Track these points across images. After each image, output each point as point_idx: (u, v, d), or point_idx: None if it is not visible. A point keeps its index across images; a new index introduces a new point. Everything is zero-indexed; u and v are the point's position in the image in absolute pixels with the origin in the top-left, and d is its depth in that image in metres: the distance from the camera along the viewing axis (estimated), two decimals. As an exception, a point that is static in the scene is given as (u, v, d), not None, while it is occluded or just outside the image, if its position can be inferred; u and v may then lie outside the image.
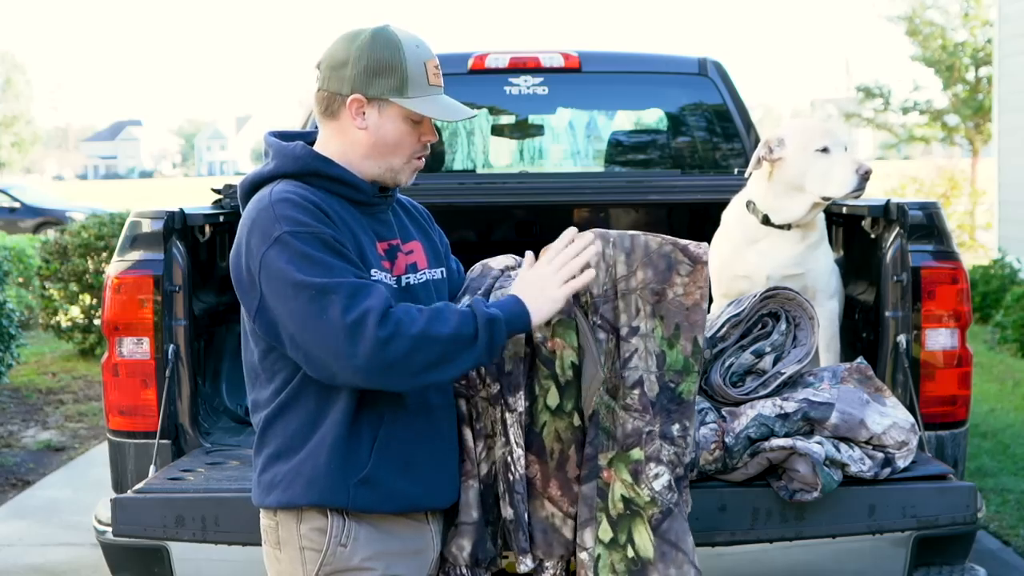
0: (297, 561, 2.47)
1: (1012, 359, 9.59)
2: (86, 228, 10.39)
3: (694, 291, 2.63)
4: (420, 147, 2.55)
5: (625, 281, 2.64)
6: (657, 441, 2.60)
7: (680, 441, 2.62)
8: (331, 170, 2.50)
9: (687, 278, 2.63)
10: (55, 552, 5.40)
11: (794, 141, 3.67)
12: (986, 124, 19.49)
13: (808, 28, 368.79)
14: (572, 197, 4.85)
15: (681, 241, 2.67)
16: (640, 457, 2.59)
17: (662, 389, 2.62)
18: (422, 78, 2.49)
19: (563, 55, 5.08)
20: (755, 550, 3.04)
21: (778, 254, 3.71)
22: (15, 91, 52.49)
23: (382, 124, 2.50)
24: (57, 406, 8.62)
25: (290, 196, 2.42)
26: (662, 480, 2.59)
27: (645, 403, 2.61)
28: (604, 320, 2.64)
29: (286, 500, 2.45)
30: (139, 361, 3.55)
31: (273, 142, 2.56)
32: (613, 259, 2.65)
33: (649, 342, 2.63)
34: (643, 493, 2.58)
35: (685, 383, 2.64)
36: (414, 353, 2.30)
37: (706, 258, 2.65)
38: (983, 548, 5.12)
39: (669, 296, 2.63)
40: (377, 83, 2.47)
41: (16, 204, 25.53)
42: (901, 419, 3.01)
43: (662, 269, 2.63)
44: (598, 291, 2.64)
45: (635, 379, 2.62)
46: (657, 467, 2.59)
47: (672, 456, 2.61)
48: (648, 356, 2.62)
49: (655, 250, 2.64)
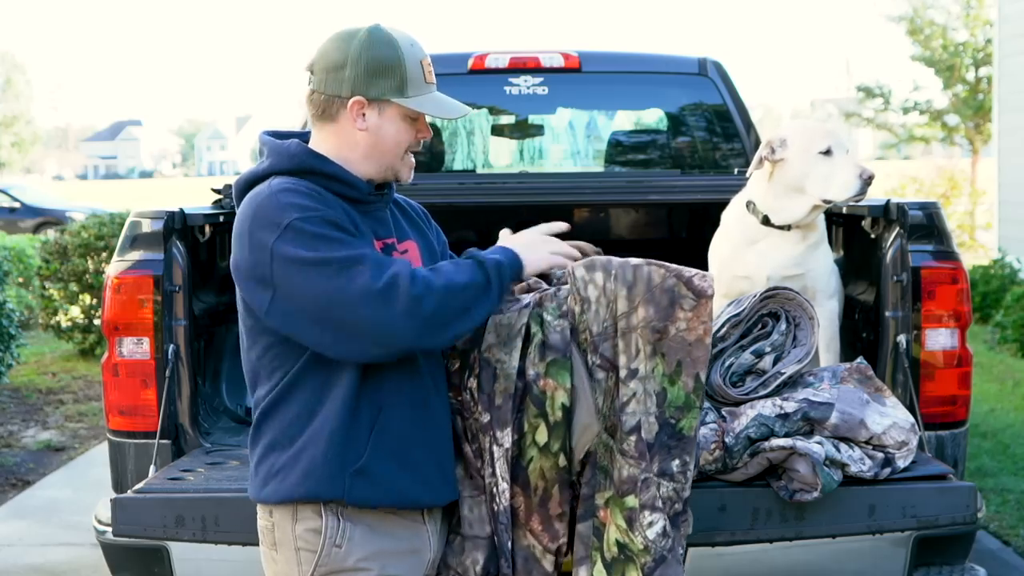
0: (293, 562, 2.47)
1: (1012, 359, 9.59)
2: (86, 228, 10.39)
3: (697, 326, 2.56)
4: (416, 143, 2.57)
5: (626, 318, 2.57)
6: (652, 488, 2.55)
7: (680, 477, 2.57)
8: (327, 167, 2.49)
9: (690, 313, 2.56)
10: (55, 552, 5.40)
11: (796, 142, 3.65)
12: (986, 124, 19.49)
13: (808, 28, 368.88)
14: (572, 197, 4.85)
15: (686, 273, 2.58)
16: (635, 504, 2.55)
17: (662, 426, 2.57)
18: (419, 77, 2.50)
19: (563, 55, 5.08)
20: (755, 550, 3.04)
21: (778, 254, 3.70)
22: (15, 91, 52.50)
23: (382, 125, 2.51)
24: (57, 406, 8.62)
25: (291, 186, 2.43)
26: (656, 528, 2.54)
27: (642, 449, 2.55)
28: (603, 359, 2.59)
29: (283, 493, 2.44)
30: (139, 361, 3.55)
31: (268, 140, 2.56)
32: (614, 294, 2.58)
33: (648, 383, 2.57)
34: (637, 540, 2.54)
35: (686, 419, 2.58)
36: (443, 305, 2.37)
37: (711, 292, 2.56)
38: (983, 548, 5.12)
39: (671, 332, 2.56)
40: (378, 84, 2.47)
41: (16, 204, 25.53)
42: (901, 419, 3.01)
43: (664, 305, 2.55)
44: (598, 328, 2.58)
45: (632, 424, 2.55)
46: (652, 515, 2.54)
47: (671, 493, 2.57)
48: (647, 398, 2.57)
49: (658, 284, 2.56)
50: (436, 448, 2.55)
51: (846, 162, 3.59)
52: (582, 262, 2.67)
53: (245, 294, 2.46)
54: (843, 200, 3.59)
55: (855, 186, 3.55)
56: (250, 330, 2.50)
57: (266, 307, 2.40)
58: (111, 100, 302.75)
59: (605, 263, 2.63)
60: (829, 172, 3.59)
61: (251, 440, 2.55)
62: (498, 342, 2.59)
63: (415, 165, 2.64)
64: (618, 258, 2.65)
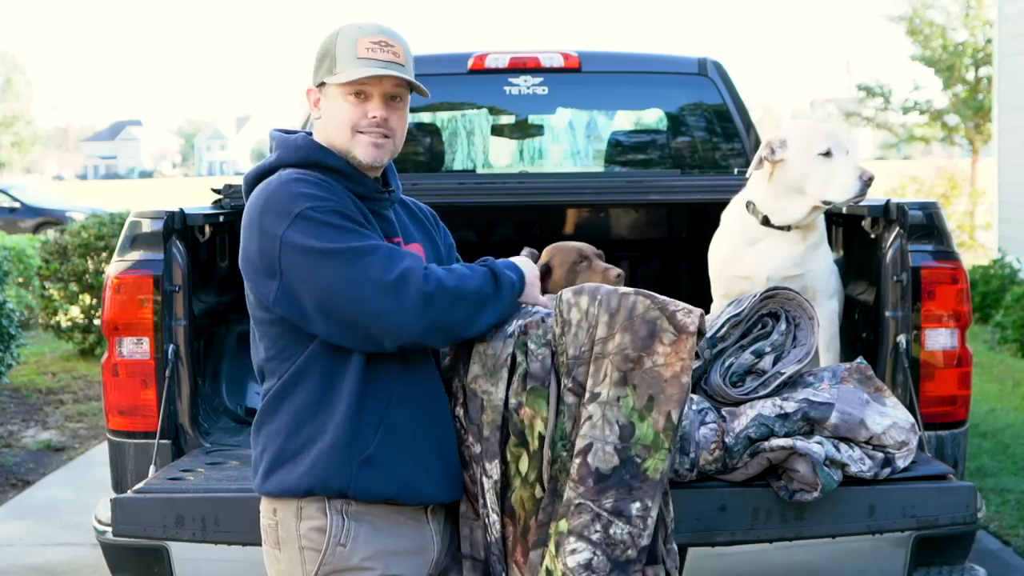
0: (297, 561, 2.47)
1: (1012, 359, 9.59)
2: (86, 228, 10.39)
3: (675, 362, 2.47)
4: (368, 123, 2.55)
5: (602, 344, 2.51)
6: (585, 515, 2.42)
7: (638, 522, 2.43)
8: (332, 160, 2.54)
9: (669, 347, 2.47)
10: (55, 552, 5.40)
11: (796, 143, 3.63)
12: (986, 124, 19.49)
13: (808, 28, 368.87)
14: (572, 197, 4.84)
15: (671, 306, 2.51)
16: (564, 529, 2.44)
17: (624, 462, 2.44)
18: (350, 53, 2.53)
19: (563, 55, 5.08)
20: (755, 550, 3.04)
21: (778, 255, 3.69)
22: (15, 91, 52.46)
23: (329, 107, 2.57)
24: (57, 406, 8.62)
25: (300, 177, 2.47)
26: (578, 557, 2.41)
27: (584, 474, 2.43)
28: (576, 383, 2.52)
29: (290, 484, 2.45)
30: (139, 361, 3.55)
31: (276, 135, 2.62)
32: (596, 319, 2.53)
33: (609, 410, 2.46)
34: (558, 567, 2.43)
35: (652, 459, 2.45)
36: (453, 307, 2.41)
37: (693, 328, 2.48)
38: (983, 548, 5.12)
39: (647, 364, 2.47)
40: (319, 70, 2.57)
41: (16, 204, 25.53)
42: (901, 419, 3.01)
43: (643, 335, 2.48)
44: (574, 352, 2.53)
45: (581, 447, 2.46)
46: (577, 542, 2.41)
47: (624, 536, 2.42)
48: (605, 425, 2.45)
49: (640, 314, 2.50)
50: (442, 444, 2.56)
51: (846, 163, 3.58)
52: (571, 288, 2.64)
53: (253, 283, 2.48)
54: (843, 201, 3.58)
55: (855, 188, 3.54)
56: (259, 322, 2.51)
57: (273, 295, 2.42)
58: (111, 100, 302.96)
59: (593, 289, 2.58)
60: (829, 173, 3.57)
61: (255, 429, 2.55)
62: (484, 373, 2.56)
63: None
64: (608, 287, 2.60)
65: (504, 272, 2.54)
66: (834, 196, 3.57)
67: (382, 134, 2.56)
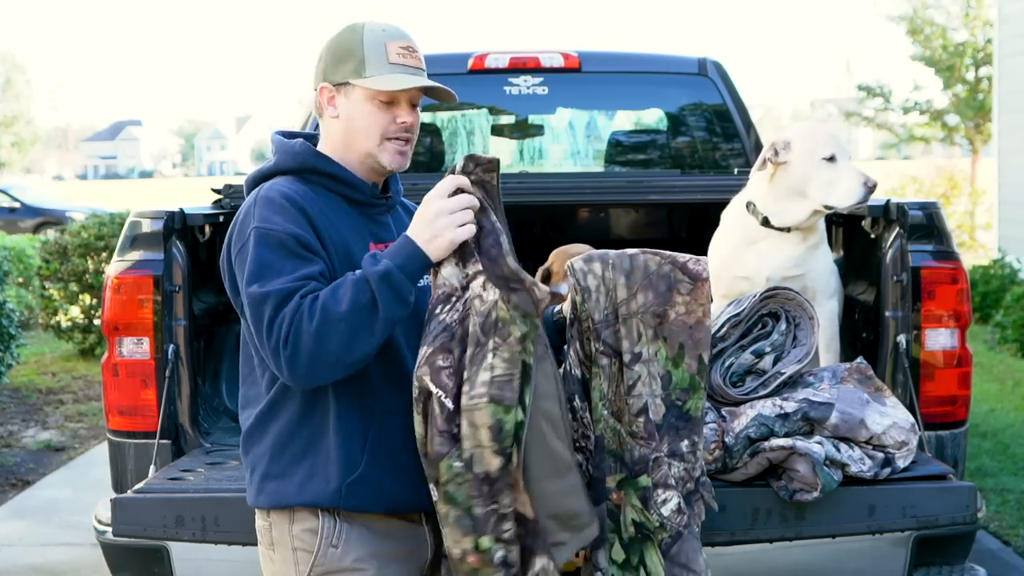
0: (290, 562, 2.48)
1: (1012, 359, 9.59)
2: (86, 228, 10.39)
3: (696, 309, 2.62)
4: (397, 128, 2.54)
5: (626, 305, 2.63)
6: (664, 467, 2.60)
7: (690, 457, 2.63)
8: (329, 168, 2.53)
9: (688, 296, 2.62)
10: (55, 552, 5.40)
11: (801, 146, 3.62)
12: (986, 124, 19.49)
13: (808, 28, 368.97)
14: (572, 197, 4.84)
15: (680, 258, 2.65)
16: (648, 484, 2.60)
17: (669, 408, 2.62)
18: (380, 57, 2.50)
19: (563, 55, 5.08)
20: (755, 550, 3.04)
21: (778, 255, 3.69)
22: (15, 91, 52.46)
23: (350, 109, 2.53)
24: (57, 406, 8.62)
25: (273, 196, 2.46)
26: (670, 505, 2.60)
27: (651, 430, 2.60)
28: (606, 345, 2.63)
29: (278, 500, 2.46)
30: (139, 361, 3.55)
31: (276, 139, 2.61)
32: (613, 282, 2.63)
33: (652, 366, 2.62)
34: (653, 519, 2.60)
35: (692, 400, 2.63)
36: (322, 345, 2.30)
37: (706, 275, 2.63)
38: (983, 548, 5.12)
39: (671, 317, 2.62)
40: (340, 69, 2.52)
41: (16, 204, 25.52)
42: (901, 419, 3.01)
43: (662, 290, 2.62)
44: (599, 316, 2.63)
45: (639, 406, 2.61)
46: (665, 492, 2.60)
47: (682, 472, 2.62)
48: (652, 380, 2.62)
49: (655, 271, 2.63)
50: None
51: (850, 169, 3.57)
52: (579, 256, 2.71)
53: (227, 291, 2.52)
54: (845, 207, 3.57)
55: (859, 193, 3.53)
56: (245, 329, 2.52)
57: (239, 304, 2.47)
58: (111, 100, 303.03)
59: (602, 255, 2.67)
60: (833, 178, 3.56)
61: (243, 446, 2.56)
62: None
63: (412, 161, 2.64)
64: (615, 250, 2.69)
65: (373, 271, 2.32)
66: (837, 201, 3.56)
67: (407, 140, 2.57)
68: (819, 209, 3.61)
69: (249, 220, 2.43)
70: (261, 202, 2.45)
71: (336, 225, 2.48)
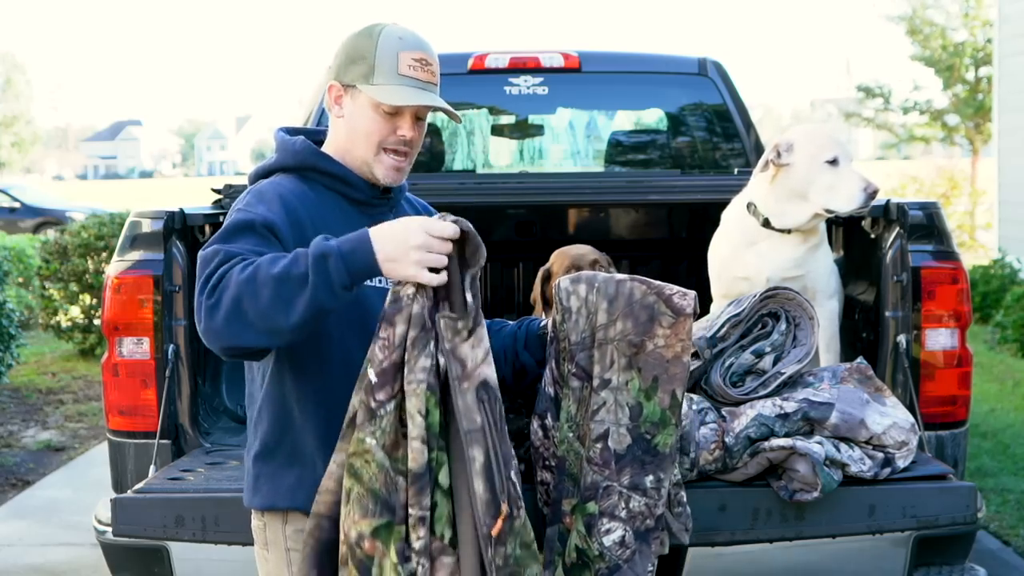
0: (283, 562, 2.49)
1: (1012, 359, 9.59)
2: (86, 228, 10.39)
3: (675, 343, 2.59)
4: (395, 140, 2.52)
5: (604, 330, 2.61)
6: (613, 496, 2.57)
7: (653, 493, 2.59)
8: (328, 167, 2.53)
9: (668, 330, 2.59)
10: (55, 552, 5.40)
11: (803, 149, 3.59)
12: (986, 124, 19.49)
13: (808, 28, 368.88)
14: (572, 197, 4.84)
15: (666, 290, 2.62)
16: (594, 511, 2.57)
17: (636, 440, 2.59)
18: (391, 67, 2.48)
19: (563, 55, 5.08)
20: (755, 550, 3.03)
21: (778, 256, 3.68)
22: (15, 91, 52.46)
23: (354, 112, 2.52)
24: (57, 406, 8.62)
25: (266, 190, 2.47)
26: (613, 536, 2.57)
27: (607, 457, 2.58)
28: (579, 368, 2.62)
29: (269, 503, 2.48)
30: (139, 361, 3.55)
31: (279, 136, 2.62)
32: (595, 306, 2.62)
33: (621, 394, 2.59)
34: (593, 546, 2.57)
35: (661, 435, 2.60)
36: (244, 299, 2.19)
37: (690, 310, 2.60)
38: (983, 548, 5.12)
39: (648, 348, 2.59)
40: (351, 70, 2.51)
41: (16, 204, 25.52)
42: (901, 419, 3.01)
43: (643, 320, 2.60)
44: (576, 338, 2.62)
45: (599, 432, 2.58)
46: (610, 523, 2.57)
47: (642, 507, 2.59)
48: (619, 409, 2.59)
49: (638, 300, 2.60)
50: None
51: (852, 173, 3.53)
52: (568, 276, 2.69)
53: None
54: (846, 212, 3.55)
55: (859, 199, 3.50)
56: None
57: None
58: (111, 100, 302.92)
59: (590, 277, 2.64)
60: (834, 182, 3.54)
61: (247, 444, 2.57)
62: None
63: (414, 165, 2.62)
64: (604, 274, 2.67)
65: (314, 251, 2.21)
66: (837, 206, 3.54)
67: (404, 154, 2.55)
68: (820, 213, 3.59)
69: (236, 205, 2.46)
70: (252, 192, 2.48)
71: (334, 225, 2.47)
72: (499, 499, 2.24)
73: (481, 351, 2.29)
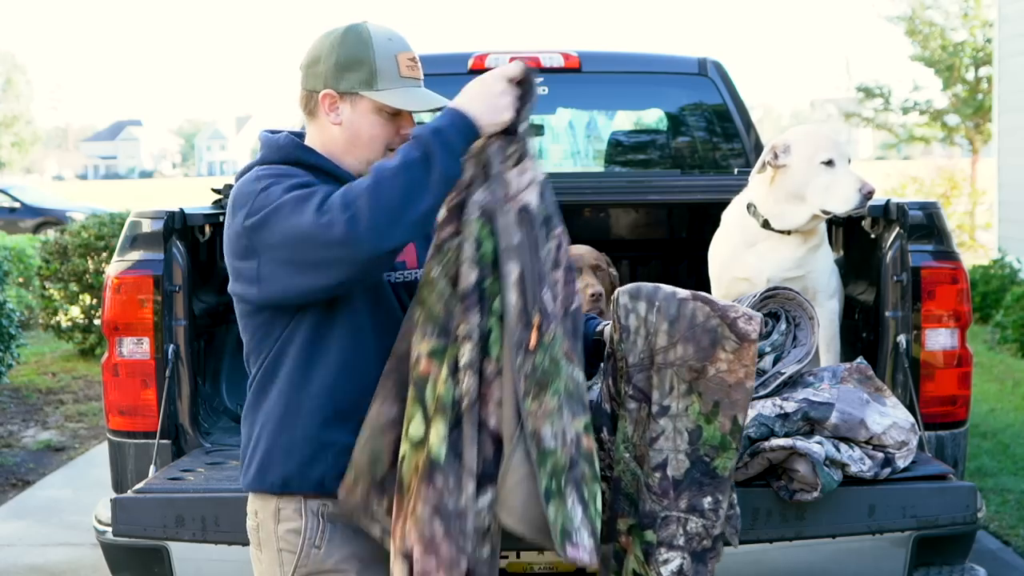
0: (275, 562, 2.50)
1: (1012, 359, 9.59)
2: (86, 228, 10.39)
3: (738, 369, 2.53)
4: (399, 140, 2.54)
5: (663, 353, 2.55)
6: (672, 525, 2.56)
7: (711, 515, 2.58)
8: (312, 159, 2.54)
9: (732, 355, 2.53)
10: (55, 552, 5.40)
11: (800, 150, 3.59)
12: (986, 124, 19.48)
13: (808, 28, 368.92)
14: (572, 197, 4.84)
15: (731, 313, 2.55)
16: (652, 540, 2.57)
17: (694, 463, 2.57)
18: (392, 70, 2.50)
19: (563, 55, 5.08)
20: (755, 550, 3.03)
21: (778, 257, 3.67)
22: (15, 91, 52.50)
23: (355, 118, 2.52)
24: (57, 406, 8.62)
25: (268, 169, 2.48)
26: (671, 566, 2.56)
27: (665, 487, 2.56)
28: (636, 390, 2.58)
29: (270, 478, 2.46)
30: (139, 361, 3.55)
31: (263, 135, 2.62)
32: (655, 327, 2.56)
33: (680, 421, 2.56)
34: (651, 574, 2.57)
35: (721, 459, 2.58)
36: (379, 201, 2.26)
37: (755, 336, 2.53)
38: (983, 548, 5.12)
39: (710, 373, 2.54)
40: (347, 78, 2.50)
41: (16, 204, 25.51)
42: (901, 419, 3.01)
43: (705, 345, 2.54)
44: (634, 359, 2.57)
45: (658, 461, 2.57)
46: (668, 552, 2.56)
47: (700, 529, 2.57)
48: (678, 435, 2.56)
49: (701, 323, 2.54)
50: None
51: (847, 174, 3.53)
52: (627, 288, 2.63)
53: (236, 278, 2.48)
54: (842, 213, 3.54)
55: (854, 200, 3.50)
56: (241, 316, 2.53)
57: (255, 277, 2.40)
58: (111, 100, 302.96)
59: (651, 292, 2.59)
60: (830, 183, 3.53)
61: (243, 423, 2.56)
62: None
63: None
64: (668, 287, 2.61)
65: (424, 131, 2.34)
66: (833, 207, 3.53)
67: None
68: (818, 214, 3.59)
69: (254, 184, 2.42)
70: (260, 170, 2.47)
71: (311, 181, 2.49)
72: (531, 311, 2.32)
73: (526, 178, 2.41)
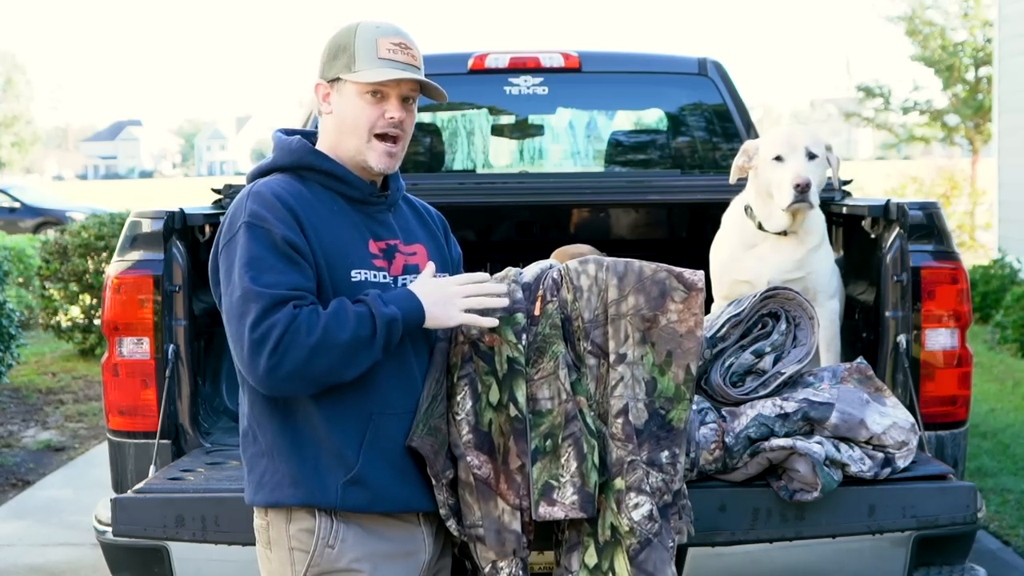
0: (286, 561, 2.48)
1: (1012, 359, 9.59)
2: (86, 228, 10.39)
3: (688, 318, 2.63)
4: (384, 123, 2.54)
5: (616, 305, 2.65)
6: (639, 470, 2.58)
7: (668, 468, 2.62)
8: (325, 165, 2.54)
9: (681, 304, 2.64)
10: (55, 552, 5.40)
11: (762, 149, 3.66)
12: (986, 124, 19.48)
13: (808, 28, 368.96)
14: (572, 197, 4.84)
15: (676, 268, 2.66)
16: (621, 487, 2.58)
17: (651, 415, 2.62)
18: (371, 52, 2.51)
19: (563, 55, 5.08)
20: (755, 550, 3.04)
21: (778, 259, 3.68)
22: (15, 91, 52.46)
23: (341, 104, 2.55)
24: (57, 406, 8.62)
25: (264, 192, 2.47)
26: (642, 510, 2.56)
27: (628, 432, 2.60)
28: (595, 345, 2.65)
29: (274, 499, 2.46)
30: (139, 361, 3.55)
31: (276, 136, 2.64)
32: (605, 283, 2.66)
33: (637, 369, 2.63)
34: (623, 522, 2.56)
35: (675, 410, 2.64)
36: (312, 361, 2.34)
37: (701, 285, 2.64)
38: (983, 548, 5.12)
39: (662, 322, 2.63)
40: (333, 65, 2.55)
41: (16, 204, 25.50)
42: (901, 419, 3.01)
43: (655, 295, 2.63)
44: (589, 315, 2.65)
45: (620, 407, 2.61)
46: (637, 496, 2.57)
47: (660, 484, 2.60)
48: (635, 383, 2.62)
49: (648, 276, 2.65)
50: None
51: (787, 169, 3.55)
52: (576, 259, 2.74)
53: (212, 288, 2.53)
54: (784, 208, 3.57)
55: (789, 195, 3.52)
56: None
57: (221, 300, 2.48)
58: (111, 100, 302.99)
59: (597, 258, 2.70)
60: (780, 179, 3.58)
61: (242, 446, 2.56)
62: None
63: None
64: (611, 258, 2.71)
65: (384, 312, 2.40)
66: (778, 201, 3.57)
67: (395, 138, 2.56)
68: (785, 211, 3.60)
69: (239, 214, 2.45)
70: (252, 197, 2.48)
71: (331, 224, 2.48)
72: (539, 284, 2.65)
73: None
